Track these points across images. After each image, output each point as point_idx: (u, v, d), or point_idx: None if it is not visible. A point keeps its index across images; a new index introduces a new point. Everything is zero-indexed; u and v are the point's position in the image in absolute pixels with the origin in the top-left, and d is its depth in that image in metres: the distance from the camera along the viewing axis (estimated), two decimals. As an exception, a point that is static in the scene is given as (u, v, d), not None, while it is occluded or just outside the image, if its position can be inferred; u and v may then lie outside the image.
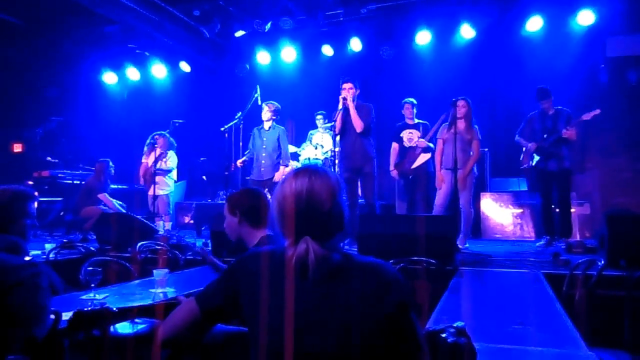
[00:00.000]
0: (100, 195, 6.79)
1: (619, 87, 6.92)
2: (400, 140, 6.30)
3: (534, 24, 7.05)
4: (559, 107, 5.45)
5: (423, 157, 6.11)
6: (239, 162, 6.52)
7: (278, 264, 1.27)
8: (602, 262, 3.46)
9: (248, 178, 6.55)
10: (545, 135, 5.40)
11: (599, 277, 3.11)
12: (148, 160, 7.03)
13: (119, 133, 9.15)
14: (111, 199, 6.90)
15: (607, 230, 3.73)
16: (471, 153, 5.33)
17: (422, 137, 6.11)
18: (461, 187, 5.11)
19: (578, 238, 5.82)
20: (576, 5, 6.82)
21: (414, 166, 6.15)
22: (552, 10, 6.97)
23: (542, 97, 5.43)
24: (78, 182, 7.81)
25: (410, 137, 6.25)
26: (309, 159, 7.53)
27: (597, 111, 5.08)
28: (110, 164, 7.04)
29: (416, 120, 6.30)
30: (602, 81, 7.05)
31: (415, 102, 6.31)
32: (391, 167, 6.39)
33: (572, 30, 7.03)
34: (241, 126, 6.56)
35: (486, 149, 6.88)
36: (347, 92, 5.35)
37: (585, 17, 6.79)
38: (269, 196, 6.35)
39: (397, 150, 6.33)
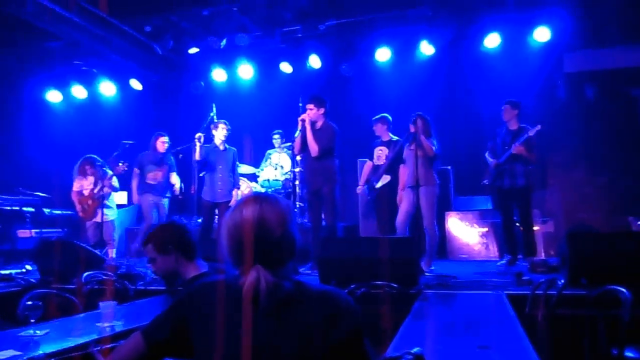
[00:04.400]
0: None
1: (577, 101, 7.01)
2: (372, 158, 6.06)
3: (492, 40, 7.05)
4: (523, 125, 5.33)
5: (385, 178, 5.85)
6: (192, 189, 6.28)
7: (229, 294, 1.27)
8: (563, 281, 3.43)
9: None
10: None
11: (559, 296, 3.04)
12: (83, 186, 6.57)
13: (64, 155, 8.58)
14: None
15: (568, 248, 3.75)
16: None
17: (391, 154, 5.86)
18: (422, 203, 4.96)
19: (543, 256, 5.75)
20: (532, 23, 6.85)
21: (377, 185, 5.90)
22: (509, 28, 6.99)
23: (506, 104, 5.38)
24: (17, 208, 7.22)
25: (379, 154, 5.97)
26: (268, 180, 7.26)
27: (538, 127, 5.10)
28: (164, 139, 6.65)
29: (392, 137, 5.97)
30: (560, 96, 7.13)
31: (385, 116, 5.98)
32: (360, 183, 6.23)
33: (530, 46, 7.07)
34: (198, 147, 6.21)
35: (449, 167, 6.75)
36: (307, 113, 5.23)
37: (542, 34, 6.83)
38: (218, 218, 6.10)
39: (369, 168, 6.08)
